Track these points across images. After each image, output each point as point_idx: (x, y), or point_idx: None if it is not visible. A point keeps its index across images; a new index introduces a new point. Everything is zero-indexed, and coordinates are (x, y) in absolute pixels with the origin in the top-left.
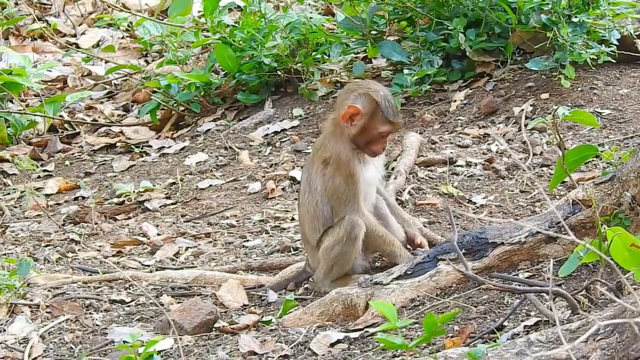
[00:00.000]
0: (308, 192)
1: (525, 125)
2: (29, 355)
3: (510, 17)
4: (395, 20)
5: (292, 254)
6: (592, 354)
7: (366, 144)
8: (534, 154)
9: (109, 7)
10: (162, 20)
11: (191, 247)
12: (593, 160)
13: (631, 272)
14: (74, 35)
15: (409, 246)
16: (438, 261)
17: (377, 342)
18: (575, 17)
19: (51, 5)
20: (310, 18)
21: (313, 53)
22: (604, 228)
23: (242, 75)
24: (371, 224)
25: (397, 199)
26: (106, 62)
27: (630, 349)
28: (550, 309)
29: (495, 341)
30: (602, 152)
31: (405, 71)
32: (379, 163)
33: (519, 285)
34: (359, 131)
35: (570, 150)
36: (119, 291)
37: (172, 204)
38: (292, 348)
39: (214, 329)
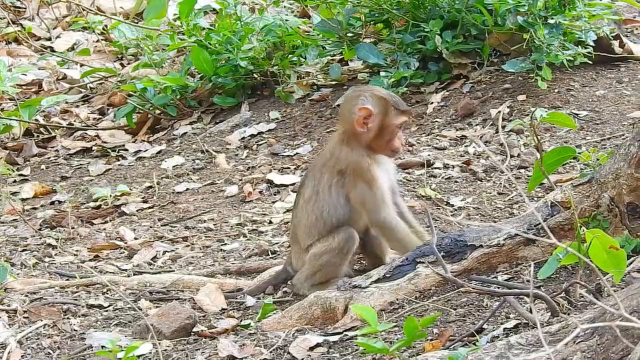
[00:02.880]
0: (314, 201)
1: (503, 127)
2: None
3: (487, 19)
4: (372, 23)
5: (270, 258)
6: (572, 356)
7: (386, 143)
8: (512, 156)
9: (83, 10)
10: (138, 23)
11: (169, 251)
12: (571, 162)
13: (610, 274)
14: (49, 39)
15: None
16: (417, 264)
17: (356, 345)
18: (552, 18)
19: (25, 8)
20: (286, 21)
21: (289, 56)
22: (583, 230)
23: (218, 78)
24: (402, 228)
25: None
26: (81, 65)
27: (610, 352)
28: (530, 311)
29: (475, 344)
30: (579, 153)
31: (382, 73)
32: (392, 168)
33: (498, 287)
34: (376, 132)
35: (548, 152)
36: (97, 296)
37: (149, 207)
38: (271, 352)
39: (192, 333)
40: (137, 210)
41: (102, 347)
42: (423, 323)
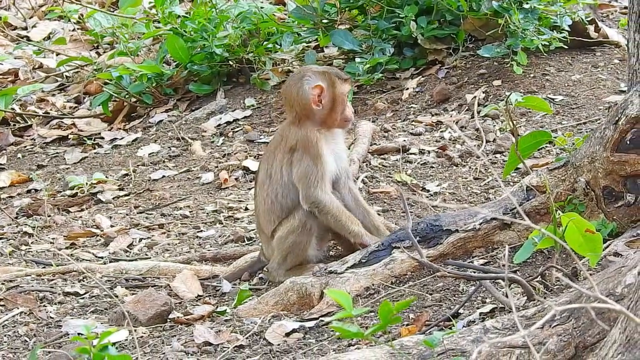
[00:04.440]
0: (268, 184)
1: (478, 112)
2: None
3: (462, 4)
4: (347, 9)
5: (246, 244)
6: (548, 340)
7: (339, 114)
8: (487, 141)
9: None
10: (113, 12)
11: (145, 239)
12: (546, 147)
13: (586, 258)
14: (25, 28)
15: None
16: (392, 249)
17: (332, 331)
18: (527, 3)
19: None
20: (262, 8)
21: (264, 43)
22: (559, 214)
23: (193, 65)
24: (336, 206)
25: None
26: (57, 54)
27: (586, 335)
28: (506, 296)
29: (450, 329)
30: (555, 137)
31: (357, 59)
32: (344, 150)
33: (474, 272)
34: (329, 105)
35: (523, 137)
36: (73, 283)
37: (125, 195)
38: (247, 338)
39: (168, 320)
40: (113, 198)
41: (79, 334)
42: (398, 307)
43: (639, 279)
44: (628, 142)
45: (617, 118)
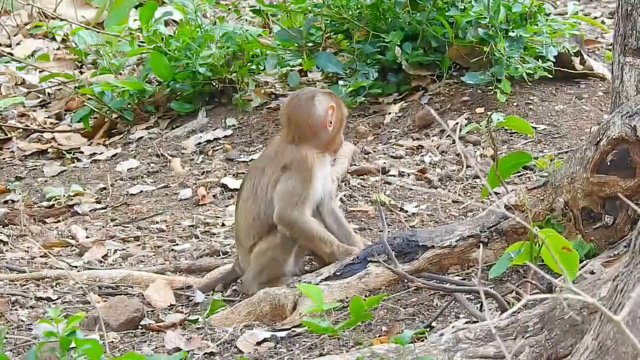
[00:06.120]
0: (252, 201)
1: (460, 138)
2: None
3: (447, 31)
4: (332, 33)
5: (222, 257)
6: (521, 351)
7: (337, 136)
8: (468, 166)
9: (46, 17)
10: (99, 32)
11: (120, 250)
12: (527, 173)
13: (562, 276)
14: (9, 46)
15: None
16: (368, 263)
17: (304, 341)
18: (513, 31)
19: None
20: (246, 30)
21: (248, 64)
22: (536, 229)
23: (176, 84)
24: (309, 227)
25: None
26: (41, 71)
27: (558, 347)
28: (481, 308)
29: (422, 341)
30: (536, 159)
31: (340, 82)
32: (329, 172)
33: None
34: (337, 126)
35: (504, 157)
36: (46, 289)
37: (102, 208)
38: (218, 346)
39: (140, 327)
40: (90, 211)
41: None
42: (369, 302)
43: (614, 284)
44: (608, 164)
45: (598, 139)
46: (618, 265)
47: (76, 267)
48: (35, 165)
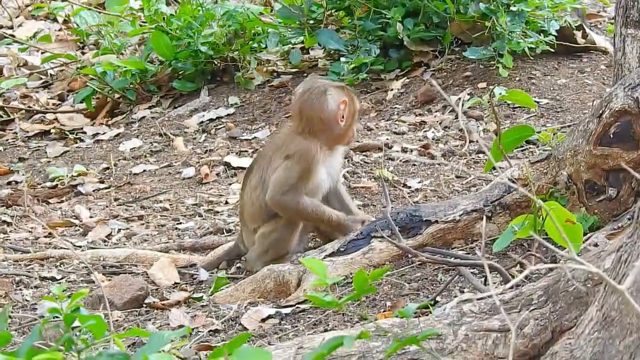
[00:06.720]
0: (260, 190)
1: (463, 114)
2: None
3: (449, 6)
4: (333, 10)
5: (226, 235)
6: (525, 323)
7: (353, 131)
8: (471, 141)
9: None
10: (100, 12)
11: (123, 229)
12: (530, 148)
13: (566, 250)
14: (11, 27)
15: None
16: (371, 238)
17: (309, 317)
18: (514, 6)
19: None
20: (248, 8)
21: (250, 42)
22: (540, 202)
23: (178, 63)
24: (308, 207)
25: None
26: (43, 52)
27: (563, 319)
28: (485, 279)
29: (427, 315)
30: (539, 132)
31: (342, 59)
32: (340, 162)
33: (452, 258)
34: (349, 121)
35: (507, 131)
36: (50, 269)
37: (106, 188)
38: (222, 323)
39: (144, 305)
40: (93, 191)
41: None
42: (373, 275)
43: (617, 255)
44: (611, 136)
45: (601, 111)
46: (622, 237)
47: (80, 246)
48: (39, 146)
